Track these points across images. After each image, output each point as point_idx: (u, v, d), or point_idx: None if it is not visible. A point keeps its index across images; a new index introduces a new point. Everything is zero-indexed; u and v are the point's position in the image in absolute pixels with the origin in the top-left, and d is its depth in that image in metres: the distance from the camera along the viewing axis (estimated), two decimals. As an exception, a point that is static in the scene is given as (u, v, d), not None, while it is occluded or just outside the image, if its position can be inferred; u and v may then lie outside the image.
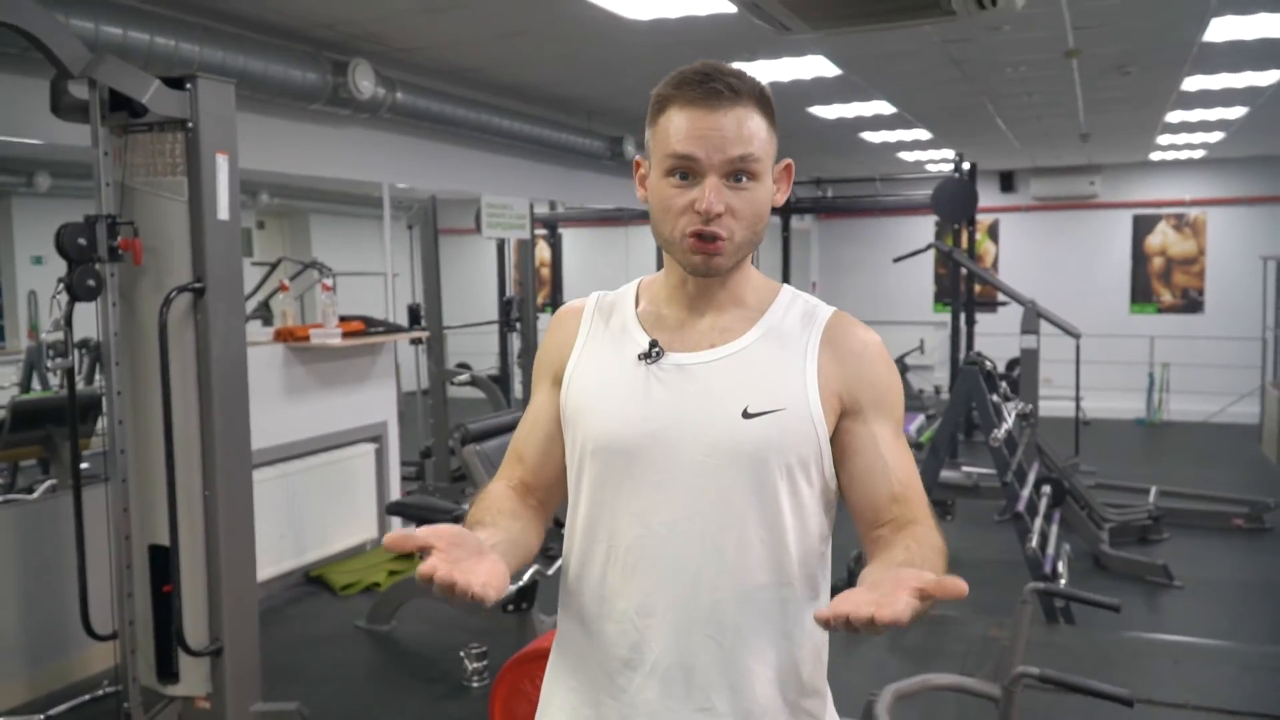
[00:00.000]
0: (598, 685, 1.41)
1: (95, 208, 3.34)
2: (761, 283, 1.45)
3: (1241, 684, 4.13)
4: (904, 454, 1.39)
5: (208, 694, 3.53)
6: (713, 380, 1.36)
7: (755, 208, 1.35)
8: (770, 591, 1.35)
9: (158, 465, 3.41)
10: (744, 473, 1.33)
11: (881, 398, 1.39)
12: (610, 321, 1.46)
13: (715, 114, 1.31)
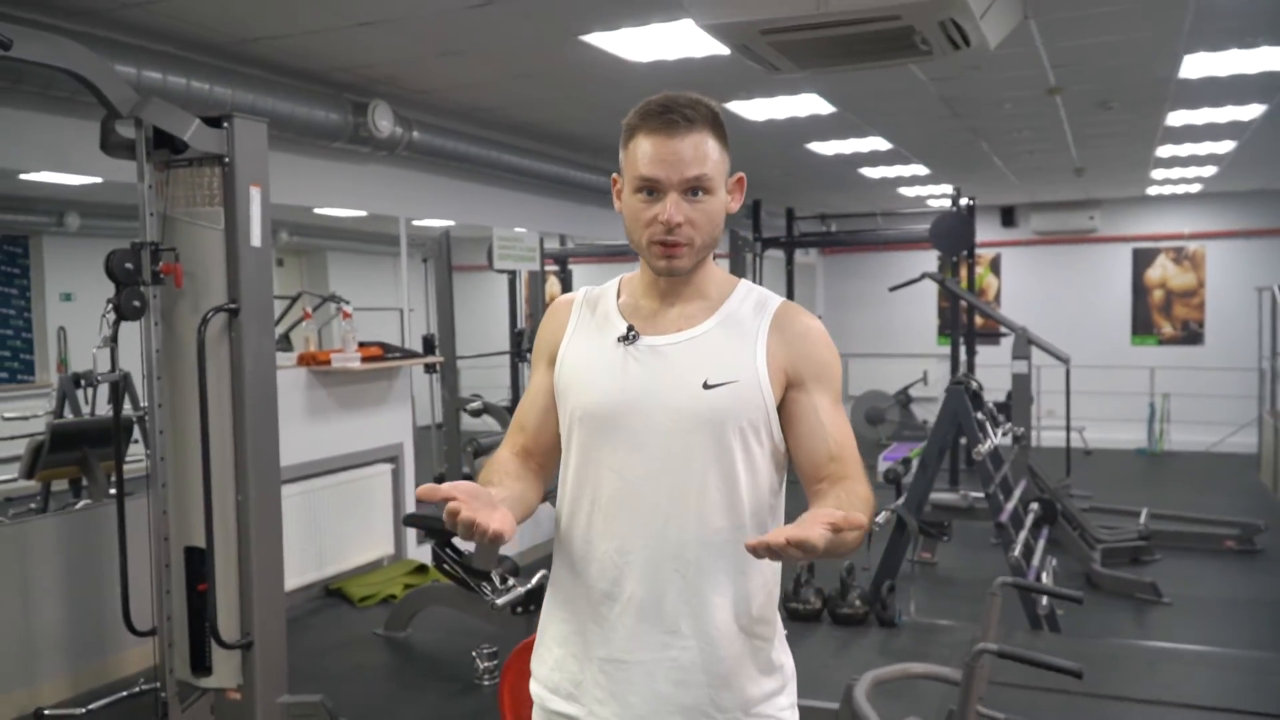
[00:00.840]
0: (583, 615, 1.67)
1: (140, 236, 3.64)
2: (722, 278, 1.72)
3: (1214, 683, 4.33)
4: (840, 421, 1.65)
5: (238, 685, 3.79)
6: (679, 359, 1.63)
7: (710, 217, 1.62)
8: (726, 534, 1.61)
9: (194, 472, 3.70)
10: (704, 434, 1.60)
11: (821, 372, 1.65)
12: (596, 311, 1.74)
13: (673, 140, 1.59)
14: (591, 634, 1.66)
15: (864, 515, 1.51)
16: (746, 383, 1.61)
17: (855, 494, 1.56)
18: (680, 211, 1.59)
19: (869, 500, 1.57)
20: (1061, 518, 6.59)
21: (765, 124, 6.85)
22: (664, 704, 1.62)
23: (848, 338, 14.55)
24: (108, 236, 6.97)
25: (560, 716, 1.70)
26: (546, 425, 1.76)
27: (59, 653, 4.22)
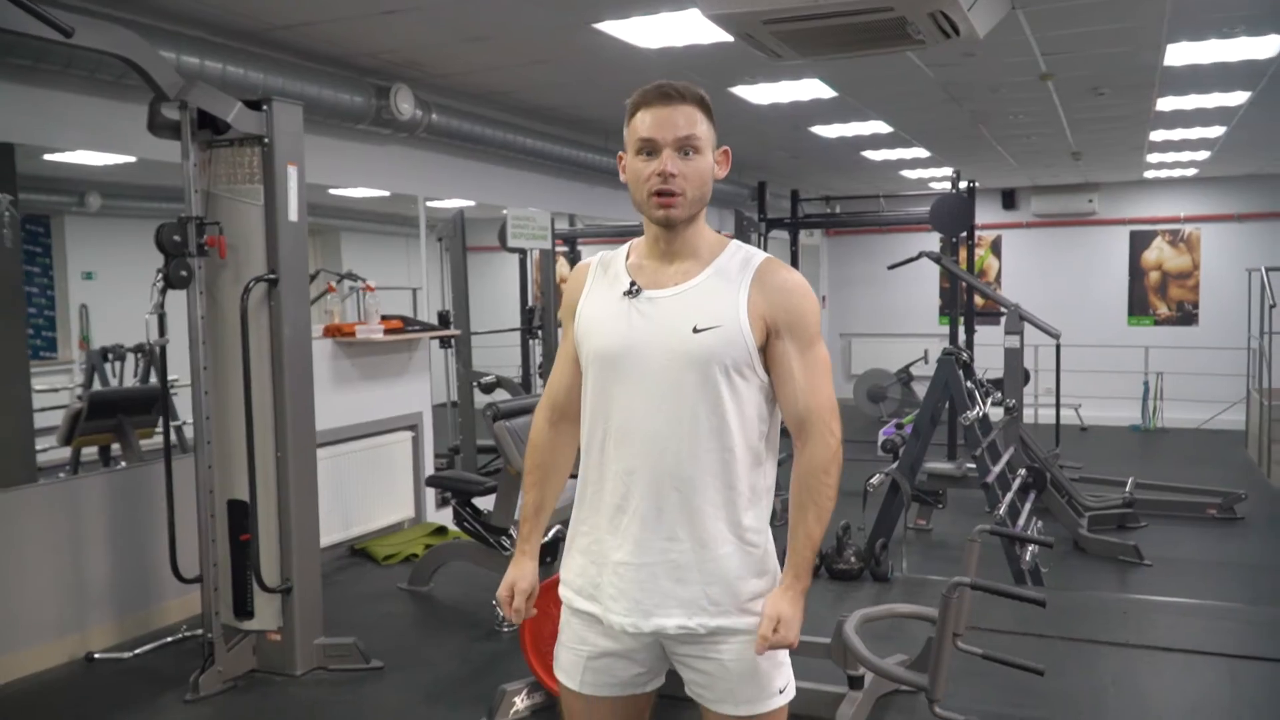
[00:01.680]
0: (601, 528, 1.96)
1: (184, 211, 3.92)
2: (714, 239, 2.00)
3: (1180, 628, 4.64)
4: (812, 365, 1.93)
5: (278, 628, 4.12)
6: (673, 309, 1.92)
7: (699, 173, 1.91)
8: (715, 455, 1.90)
9: (237, 430, 4.01)
10: (694, 371, 1.89)
11: (795, 322, 1.92)
12: (608, 271, 2.02)
13: (667, 109, 1.88)
14: (607, 542, 1.95)
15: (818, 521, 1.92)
16: (729, 327, 1.89)
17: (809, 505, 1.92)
18: (674, 164, 1.87)
19: (829, 468, 1.92)
20: (1051, 486, 6.89)
21: (769, 107, 7.12)
22: (666, 598, 1.91)
23: (851, 317, 14.84)
24: (128, 216, 7.24)
25: (583, 614, 1.99)
26: (574, 387, 2.06)
27: (106, 601, 4.53)
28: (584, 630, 1.99)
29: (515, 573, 2.07)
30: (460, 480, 5.10)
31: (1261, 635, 4.52)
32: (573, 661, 2.01)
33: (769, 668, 1.93)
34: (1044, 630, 4.47)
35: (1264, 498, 8.17)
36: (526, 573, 2.07)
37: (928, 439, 5.75)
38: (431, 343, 6.75)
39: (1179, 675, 4.10)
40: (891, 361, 13.24)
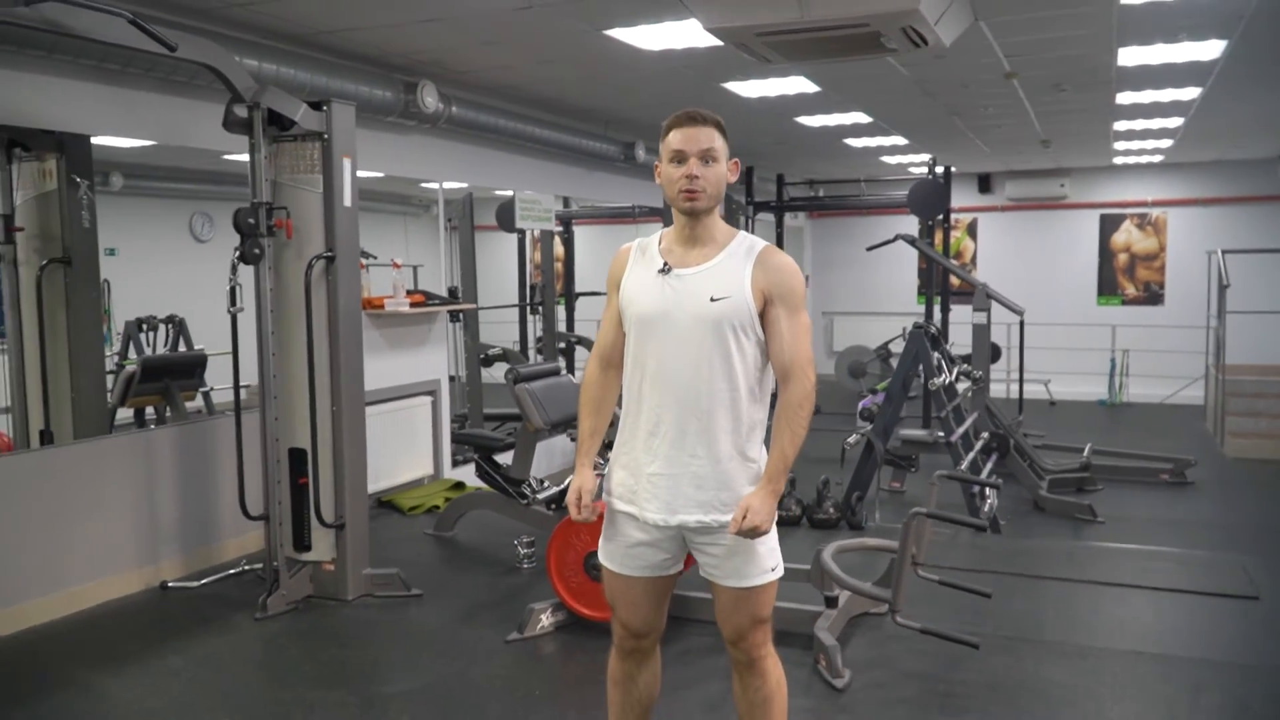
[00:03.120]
0: (638, 449, 2.59)
1: (255, 198, 4.52)
2: (727, 230, 2.61)
3: (1117, 567, 5.29)
4: (796, 327, 2.53)
5: (332, 559, 4.74)
6: (696, 283, 2.53)
7: (717, 177, 2.52)
8: (725, 393, 2.52)
9: (298, 387, 4.62)
10: (710, 331, 2.50)
11: (785, 294, 2.53)
12: (645, 254, 2.64)
13: (694, 129, 2.50)
14: (642, 459, 2.58)
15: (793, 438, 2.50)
16: (737, 298, 2.50)
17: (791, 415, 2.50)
18: (698, 169, 2.50)
19: (803, 405, 2.50)
20: (1014, 451, 7.56)
21: (758, 100, 7.73)
22: (688, 500, 2.54)
23: (833, 297, 15.48)
24: (148, 195, 7.78)
25: (624, 514, 2.62)
26: (618, 343, 2.68)
27: (175, 538, 5.14)
28: (624, 526, 2.62)
29: (579, 481, 2.67)
30: (482, 437, 5.73)
31: (1189, 573, 5.18)
32: (615, 550, 2.64)
33: (764, 552, 2.56)
34: (997, 568, 5.13)
35: (1215, 465, 8.86)
36: (587, 480, 2.67)
37: (899, 404, 6.39)
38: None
39: (1111, 604, 4.76)
40: (871, 339, 13.87)
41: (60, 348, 5.18)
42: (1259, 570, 5.10)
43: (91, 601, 4.71)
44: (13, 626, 4.37)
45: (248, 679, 4.01)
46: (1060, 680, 3.78)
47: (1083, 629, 4.39)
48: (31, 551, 4.48)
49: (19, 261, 5.09)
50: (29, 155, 5.10)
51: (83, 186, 5.18)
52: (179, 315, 7.19)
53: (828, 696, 3.63)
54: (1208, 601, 4.71)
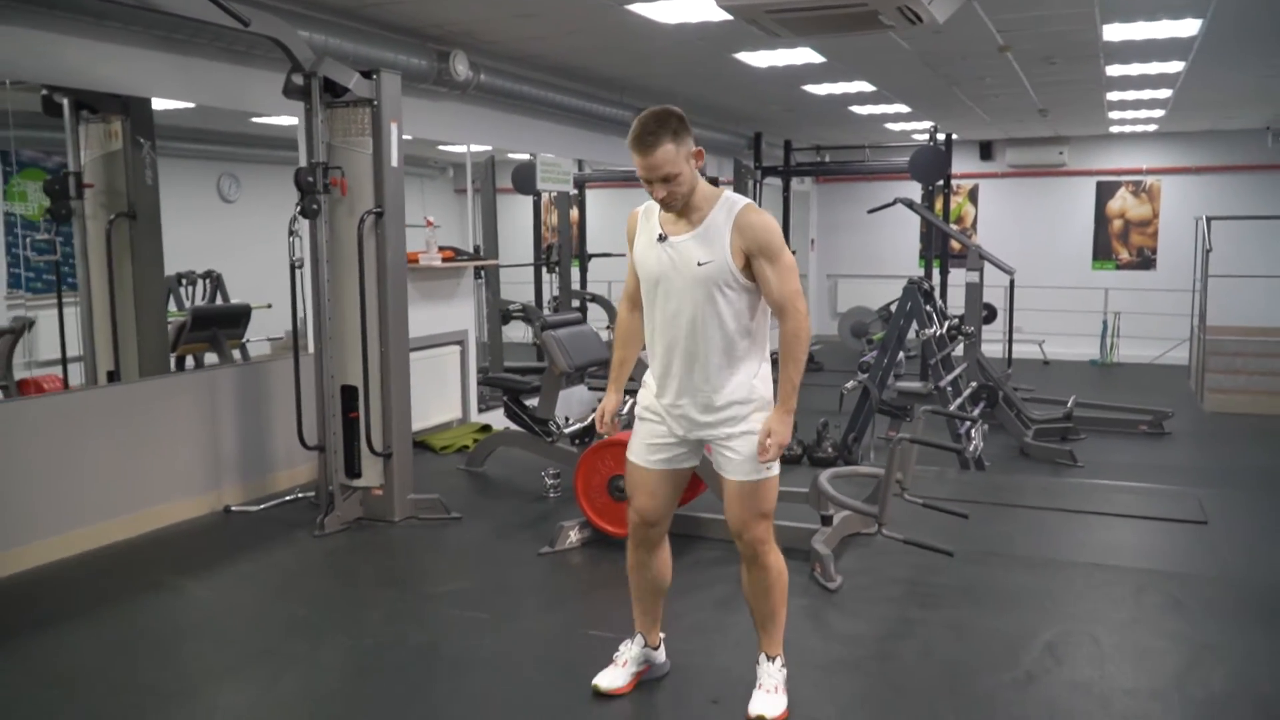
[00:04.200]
0: (658, 385, 3.11)
1: (312, 159, 5.02)
2: (709, 194, 3.04)
3: (1085, 498, 5.82)
4: (781, 273, 2.98)
5: (380, 485, 5.28)
6: (686, 249, 3.00)
7: (681, 185, 2.92)
8: (719, 339, 3.00)
9: (350, 331, 5.15)
10: (701, 290, 2.98)
11: (763, 247, 2.97)
12: (649, 220, 3.12)
13: (646, 158, 2.90)
14: (660, 393, 3.11)
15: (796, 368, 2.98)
16: (719, 260, 2.97)
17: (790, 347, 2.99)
18: (661, 190, 2.94)
19: (792, 348, 2.99)
20: (1002, 402, 8.09)
21: (767, 70, 8.20)
22: (695, 423, 3.06)
23: (837, 260, 15.96)
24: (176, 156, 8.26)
25: (649, 420, 3.14)
26: (639, 289, 3.18)
27: (235, 468, 5.68)
28: (650, 428, 3.14)
29: (607, 403, 3.22)
30: (511, 380, 6.25)
31: (1148, 502, 5.69)
32: (641, 447, 3.17)
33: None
34: (977, 497, 5.67)
35: (1193, 418, 9.39)
36: (614, 403, 3.23)
37: (895, 354, 6.91)
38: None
39: (1076, 528, 5.28)
40: (874, 300, 14.32)
41: (126, 295, 5.70)
42: (1212, 501, 5.63)
43: (164, 522, 5.26)
44: (99, 541, 4.92)
45: (314, 581, 4.57)
46: (1024, 584, 4.32)
47: (1048, 546, 4.93)
48: (111, 476, 5.02)
49: (87, 216, 5.59)
50: (95, 117, 5.59)
51: (145, 146, 5.68)
52: (216, 270, 7.71)
53: (822, 596, 4.18)
54: (1161, 525, 5.25)
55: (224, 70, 5.64)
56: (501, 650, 3.72)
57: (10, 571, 4.48)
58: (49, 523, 4.70)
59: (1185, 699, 3.26)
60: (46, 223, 5.40)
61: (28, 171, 5.49)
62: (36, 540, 4.63)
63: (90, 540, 4.88)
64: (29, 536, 4.60)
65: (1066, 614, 3.98)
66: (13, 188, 5.27)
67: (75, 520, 4.82)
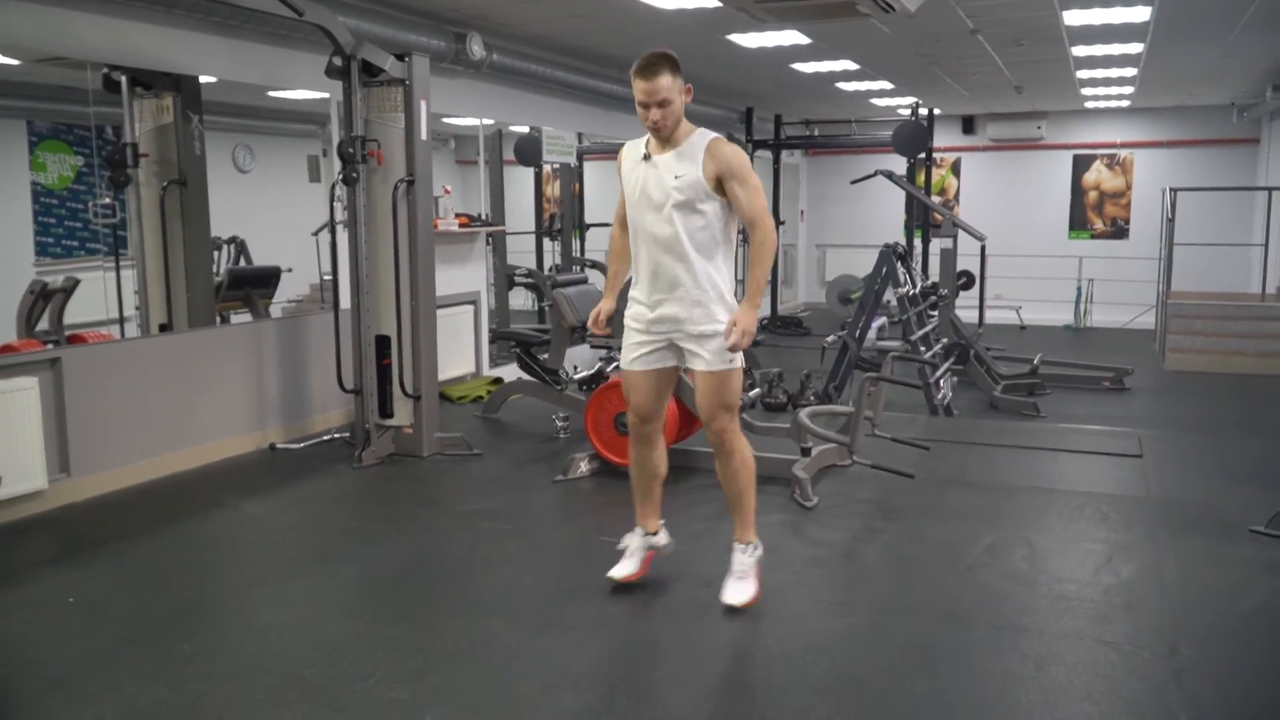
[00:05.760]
0: (643, 292, 3.71)
1: (351, 132, 5.65)
2: (687, 128, 3.64)
3: (1038, 437, 6.50)
4: (749, 190, 3.55)
5: (410, 424, 5.94)
6: (664, 167, 3.59)
7: (673, 111, 3.50)
8: (695, 245, 3.57)
9: (384, 286, 5.79)
10: (677, 199, 3.56)
11: (733, 170, 3.56)
12: (636, 149, 3.71)
13: (648, 81, 3.49)
14: (644, 296, 3.70)
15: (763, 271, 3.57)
16: (691, 175, 3.55)
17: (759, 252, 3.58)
18: (656, 113, 3.52)
19: (764, 244, 3.56)
20: (973, 359, 8.76)
21: (758, 50, 8.81)
22: (675, 320, 3.64)
23: (825, 230, 16.60)
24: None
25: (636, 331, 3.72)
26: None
27: (278, 410, 6.33)
28: (637, 338, 3.75)
29: (602, 305, 3.85)
30: (523, 334, 6.91)
31: (1093, 440, 6.36)
32: (630, 353, 3.78)
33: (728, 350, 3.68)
34: (941, 437, 6.35)
35: (1154, 376, 10.09)
36: (608, 306, 3.85)
37: (872, 311, 7.57)
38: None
39: (1025, 460, 5.95)
40: (860, 269, 14.89)
41: (178, 254, 6.32)
42: (1150, 440, 6.32)
43: (216, 457, 5.91)
44: (159, 472, 5.56)
45: (358, 502, 5.23)
46: (975, 504, 5.00)
47: (999, 475, 5.61)
48: (171, 414, 5.66)
49: (141, 183, 6.20)
50: (148, 93, 6.19)
51: (194, 120, 6.29)
52: (240, 236, 8.32)
53: (801, 513, 4.85)
54: (1102, 458, 5.93)
55: (267, 51, 6.25)
56: (529, 551, 4.40)
57: (97, 493, 5.15)
58: (122, 453, 5.35)
59: (1098, 584, 3.94)
60: (107, 189, 6.03)
61: (48, 143, 6.09)
62: (114, 468, 5.29)
63: (156, 470, 5.53)
64: (108, 464, 5.26)
65: (1008, 525, 4.67)
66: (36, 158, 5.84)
67: (142, 452, 5.47)
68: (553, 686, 3.11)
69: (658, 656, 3.37)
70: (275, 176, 7.93)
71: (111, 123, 5.92)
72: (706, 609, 3.71)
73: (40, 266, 6.03)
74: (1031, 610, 3.71)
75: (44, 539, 4.60)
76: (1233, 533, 4.51)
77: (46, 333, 5.86)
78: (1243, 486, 5.29)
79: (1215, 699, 3.05)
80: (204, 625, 3.63)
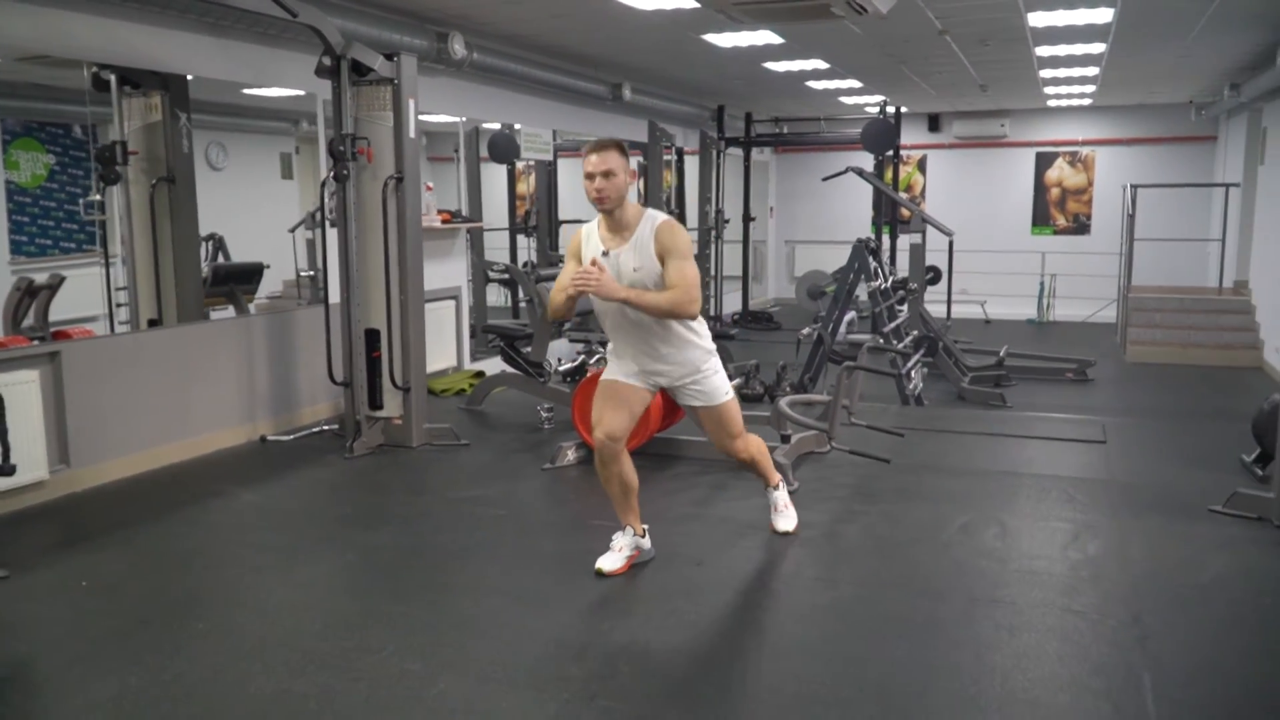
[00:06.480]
0: (625, 357, 3.94)
1: (340, 130, 5.78)
2: (635, 212, 3.86)
3: (1003, 424, 6.74)
4: (683, 269, 3.76)
5: (399, 415, 6.08)
6: (623, 259, 3.81)
7: (617, 187, 3.73)
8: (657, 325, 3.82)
9: (374, 281, 5.93)
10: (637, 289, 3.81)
11: (673, 251, 3.78)
12: (590, 239, 3.92)
13: (598, 154, 3.71)
14: (633, 359, 3.92)
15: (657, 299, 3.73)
16: (649, 266, 3.79)
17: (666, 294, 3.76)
18: (601, 184, 3.74)
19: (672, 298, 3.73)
20: (942, 351, 9.01)
21: (731, 49, 9.01)
22: (664, 375, 3.91)
23: (794, 226, 16.85)
24: None
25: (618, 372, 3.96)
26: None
27: (267, 403, 6.45)
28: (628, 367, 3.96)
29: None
30: (507, 328, 7.06)
31: (1059, 428, 6.61)
32: (615, 370, 3.99)
33: (719, 384, 3.98)
34: (913, 425, 6.57)
35: (1115, 367, 10.40)
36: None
37: (845, 305, 7.80)
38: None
39: (995, 447, 6.18)
40: (829, 264, 15.23)
41: (166, 251, 6.42)
42: (1113, 427, 6.58)
43: (209, 449, 6.03)
44: (155, 463, 5.68)
45: (353, 490, 5.38)
46: (948, 487, 5.22)
47: (970, 460, 5.84)
48: (163, 406, 5.77)
49: (130, 181, 6.30)
50: (136, 92, 6.28)
51: (182, 118, 6.39)
52: (218, 233, 8.41)
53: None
54: (1068, 444, 6.17)
55: (255, 50, 6.37)
56: (524, 534, 4.58)
57: (96, 483, 5.27)
58: (119, 445, 5.46)
59: (1065, 559, 4.17)
60: (97, 185, 6.12)
61: (21, 141, 6.17)
62: (112, 459, 5.40)
63: (152, 461, 5.64)
64: (106, 455, 5.37)
65: (979, 506, 4.88)
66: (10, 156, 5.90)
67: (139, 443, 5.58)
68: (557, 657, 3.29)
69: (654, 628, 3.55)
70: (248, 174, 8.00)
71: (87, 122, 6.01)
72: (698, 586, 3.90)
73: (15, 265, 6.11)
74: (1004, 584, 3.92)
75: (50, 527, 4.72)
76: (1192, 512, 4.75)
77: (32, 329, 5.95)
78: (1201, 470, 5.54)
79: (1176, 662, 3.27)
80: (216, 606, 3.77)
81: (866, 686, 3.08)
